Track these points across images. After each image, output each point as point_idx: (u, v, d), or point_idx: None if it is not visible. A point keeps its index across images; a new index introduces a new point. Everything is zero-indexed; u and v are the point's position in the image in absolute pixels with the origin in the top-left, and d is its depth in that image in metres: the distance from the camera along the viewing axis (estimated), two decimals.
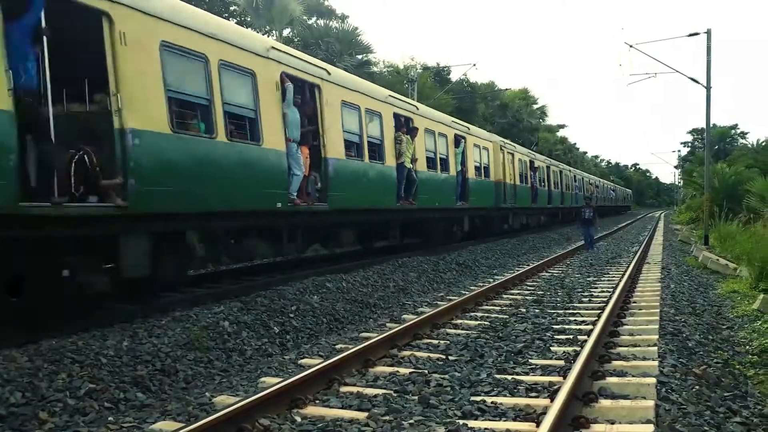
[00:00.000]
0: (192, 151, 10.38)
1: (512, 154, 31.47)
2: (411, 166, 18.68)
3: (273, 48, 12.98)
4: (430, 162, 20.82)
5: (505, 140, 32.20)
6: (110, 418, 6.37)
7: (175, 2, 10.70)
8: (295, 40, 37.20)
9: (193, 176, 10.31)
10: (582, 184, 60.41)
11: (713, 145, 50.36)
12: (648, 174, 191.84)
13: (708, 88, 29.32)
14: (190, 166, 10.29)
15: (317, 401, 6.60)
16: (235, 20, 34.98)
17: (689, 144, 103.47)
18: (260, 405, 5.98)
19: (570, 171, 54.00)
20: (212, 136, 10.71)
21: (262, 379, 7.59)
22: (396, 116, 18.46)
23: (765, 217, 26.08)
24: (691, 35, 30.02)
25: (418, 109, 20.76)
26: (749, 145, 52.14)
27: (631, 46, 31.28)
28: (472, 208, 25.05)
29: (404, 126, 18.83)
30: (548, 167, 40.77)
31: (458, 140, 23.81)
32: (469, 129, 25.96)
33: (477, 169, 25.91)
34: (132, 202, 9.14)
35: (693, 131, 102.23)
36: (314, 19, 40.17)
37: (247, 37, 12.68)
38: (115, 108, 8.99)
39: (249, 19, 34.83)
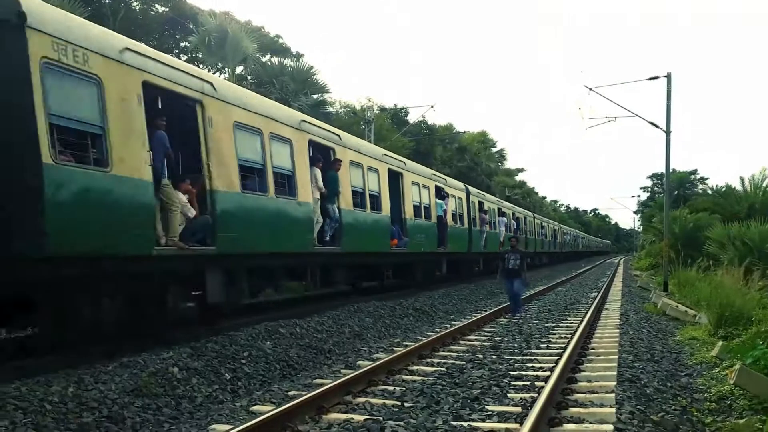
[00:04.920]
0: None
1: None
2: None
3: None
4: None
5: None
6: None
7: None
8: (248, 78, 37.10)
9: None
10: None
11: (673, 190, 50.88)
12: (607, 219, 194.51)
13: (668, 132, 28.96)
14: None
15: None
16: (185, 57, 34.78)
17: (649, 189, 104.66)
18: None
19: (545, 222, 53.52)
20: None
21: (212, 426, 7.42)
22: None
23: (724, 263, 26.24)
24: (651, 79, 29.45)
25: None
26: (709, 191, 52.83)
27: (590, 90, 30.54)
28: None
29: None
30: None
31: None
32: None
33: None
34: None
35: (653, 176, 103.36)
36: (268, 56, 40.03)
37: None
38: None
39: (201, 55, 34.65)
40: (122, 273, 10.42)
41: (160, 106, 11.66)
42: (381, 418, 7.52)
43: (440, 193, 27.37)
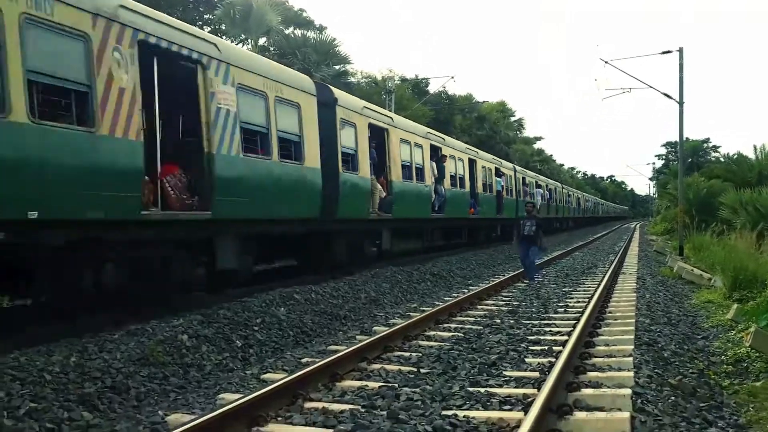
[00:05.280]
0: None
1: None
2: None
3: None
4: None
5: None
6: None
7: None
8: (271, 49, 36.87)
9: None
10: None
11: (686, 158, 50.71)
12: (623, 185, 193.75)
13: (681, 103, 29.69)
14: None
15: (279, 418, 6.28)
16: (209, 29, 34.55)
17: (663, 157, 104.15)
18: (217, 423, 5.64)
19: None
20: None
21: (221, 395, 7.25)
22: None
23: (737, 228, 26.23)
24: (664, 53, 30.36)
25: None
26: (722, 159, 52.65)
27: (606, 62, 31.35)
28: None
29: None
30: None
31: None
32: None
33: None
34: None
35: (667, 144, 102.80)
36: (291, 29, 39.80)
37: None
38: None
39: (224, 27, 34.45)
40: (354, 228, 18.03)
41: (369, 135, 18.46)
42: (396, 385, 7.39)
43: (498, 172, 34.38)
